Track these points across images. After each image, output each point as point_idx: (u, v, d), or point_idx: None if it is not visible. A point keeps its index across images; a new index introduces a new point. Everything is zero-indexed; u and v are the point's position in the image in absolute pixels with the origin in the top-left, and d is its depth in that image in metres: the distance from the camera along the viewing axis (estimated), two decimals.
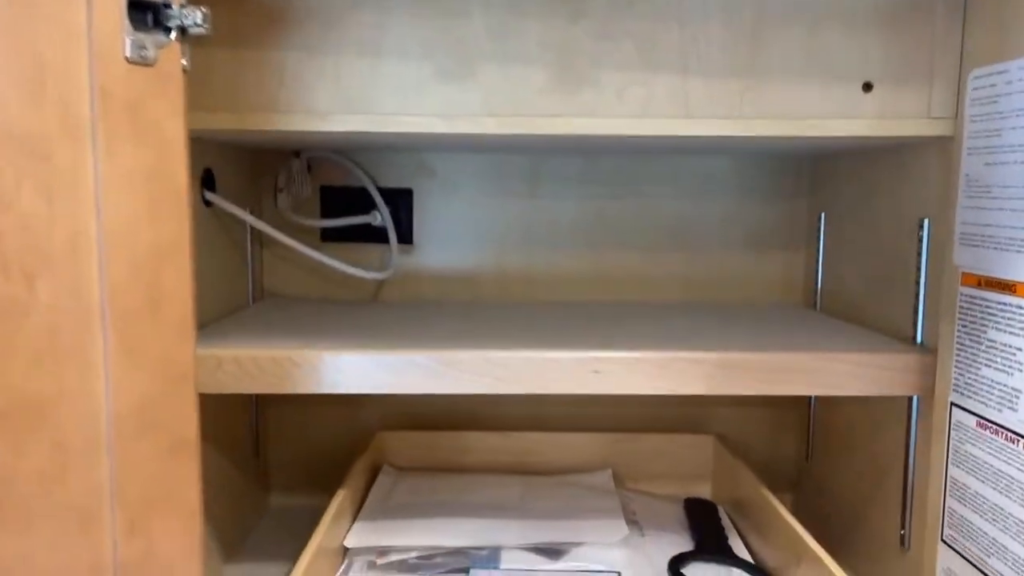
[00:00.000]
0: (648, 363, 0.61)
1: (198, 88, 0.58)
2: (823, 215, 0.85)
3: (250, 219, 0.76)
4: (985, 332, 0.55)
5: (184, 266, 0.44)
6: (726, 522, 0.79)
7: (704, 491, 0.90)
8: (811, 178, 0.89)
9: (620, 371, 0.61)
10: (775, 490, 0.90)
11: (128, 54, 0.41)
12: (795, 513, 0.89)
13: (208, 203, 0.72)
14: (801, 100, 0.59)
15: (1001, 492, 0.53)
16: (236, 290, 0.82)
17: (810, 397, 0.89)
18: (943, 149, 0.61)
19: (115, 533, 0.41)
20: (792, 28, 0.59)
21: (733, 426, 0.92)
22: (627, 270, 0.90)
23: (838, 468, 0.81)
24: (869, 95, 0.59)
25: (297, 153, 0.86)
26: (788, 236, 0.90)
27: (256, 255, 0.87)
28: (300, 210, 0.88)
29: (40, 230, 0.37)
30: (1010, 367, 0.52)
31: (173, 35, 0.43)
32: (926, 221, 0.64)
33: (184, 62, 0.44)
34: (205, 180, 0.72)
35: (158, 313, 0.43)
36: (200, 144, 0.70)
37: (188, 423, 0.45)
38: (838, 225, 0.82)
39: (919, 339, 0.65)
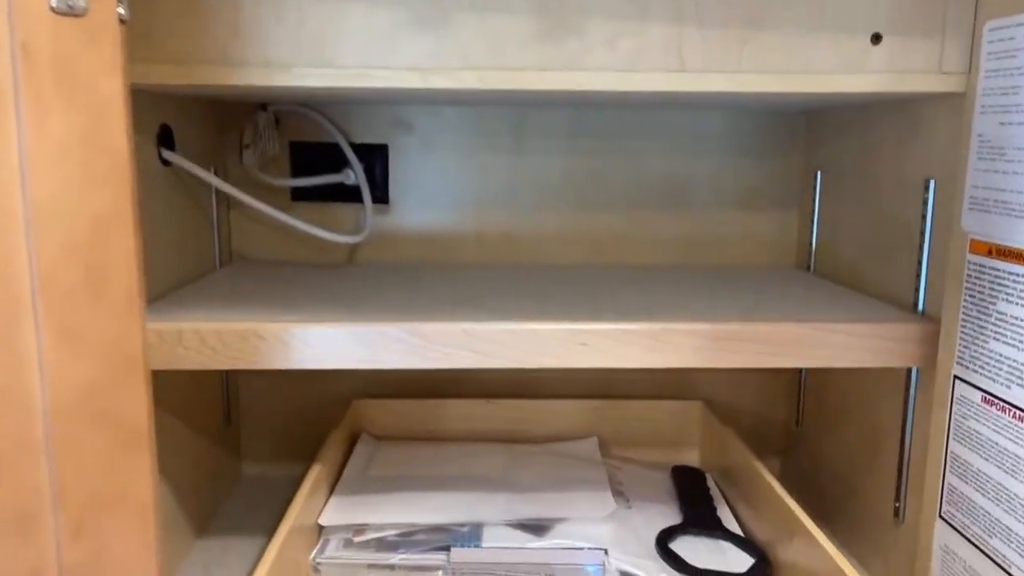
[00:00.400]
0: (637, 335, 0.58)
1: (141, 39, 0.53)
2: (819, 174, 0.81)
3: (213, 179, 0.71)
4: (995, 303, 0.52)
5: (127, 240, 0.40)
6: (714, 491, 0.77)
7: (692, 458, 0.88)
8: (807, 134, 0.85)
9: (608, 344, 0.58)
10: (763, 455, 0.88)
11: (54, 3, 0.36)
12: (783, 479, 0.88)
13: (166, 162, 0.67)
14: (805, 53, 0.55)
15: (1007, 472, 0.50)
16: (201, 254, 0.77)
17: None
18: (953, 106, 0.57)
19: (59, 536, 0.38)
20: None
21: (722, 391, 0.90)
22: (615, 231, 0.86)
23: (830, 436, 0.78)
24: (877, 47, 0.55)
25: (264, 106, 0.81)
26: (782, 195, 0.86)
27: (223, 216, 0.82)
28: (268, 168, 0.83)
29: None
30: (1021, 342, 0.49)
31: None
32: (932, 182, 0.61)
33: (121, 10, 0.39)
34: (162, 137, 0.67)
35: (100, 293, 0.39)
36: (155, 99, 0.65)
37: (139, 412, 0.41)
38: (835, 184, 0.78)
39: (921, 307, 0.62)
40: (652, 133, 0.85)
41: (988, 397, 0.52)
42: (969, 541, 0.54)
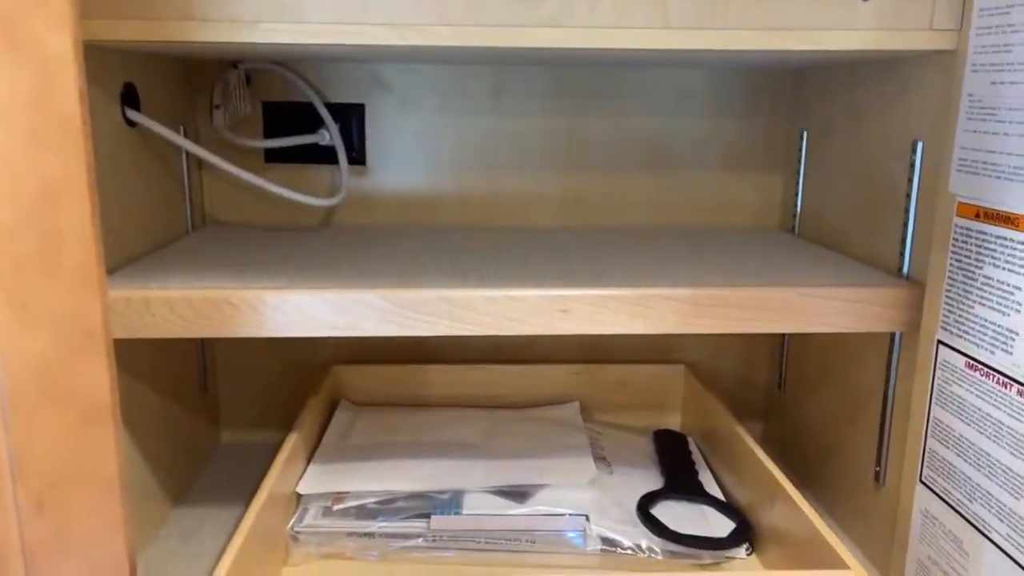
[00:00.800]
0: (619, 301, 0.56)
1: None
2: (805, 134, 0.80)
3: (181, 140, 0.69)
4: (981, 268, 0.51)
5: (83, 207, 0.37)
6: (696, 456, 0.77)
7: (674, 422, 0.87)
8: (794, 94, 0.83)
9: (589, 310, 0.56)
10: (745, 419, 0.88)
11: None
12: (765, 443, 0.88)
13: (132, 123, 0.65)
14: (793, 10, 0.53)
15: (989, 437, 0.50)
16: (172, 218, 0.75)
17: None
18: (943, 65, 0.56)
19: (20, 512, 0.37)
20: None
21: (704, 355, 0.89)
22: (597, 193, 0.85)
23: (812, 400, 0.78)
24: (867, 4, 0.53)
25: (234, 64, 0.78)
26: (767, 156, 0.85)
27: (194, 179, 0.80)
28: (240, 129, 0.81)
29: None
30: (1006, 307, 0.49)
31: None
32: (919, 144, 0.59)
33: None
34: (127, 97, 0.64)
35: (53, 263, 0.37)
36: (118, 57, 0.62)
37: (100, 385, 0.39)
38: (821, 145, 0.77)
39: (906, 271, 0.61)
40: (635, 93, 0.83)
41: (971, 362, 0.52)
42: (949, 506, 0.54)
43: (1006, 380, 0.49)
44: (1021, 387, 0.47)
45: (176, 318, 0.55)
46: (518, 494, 0.66)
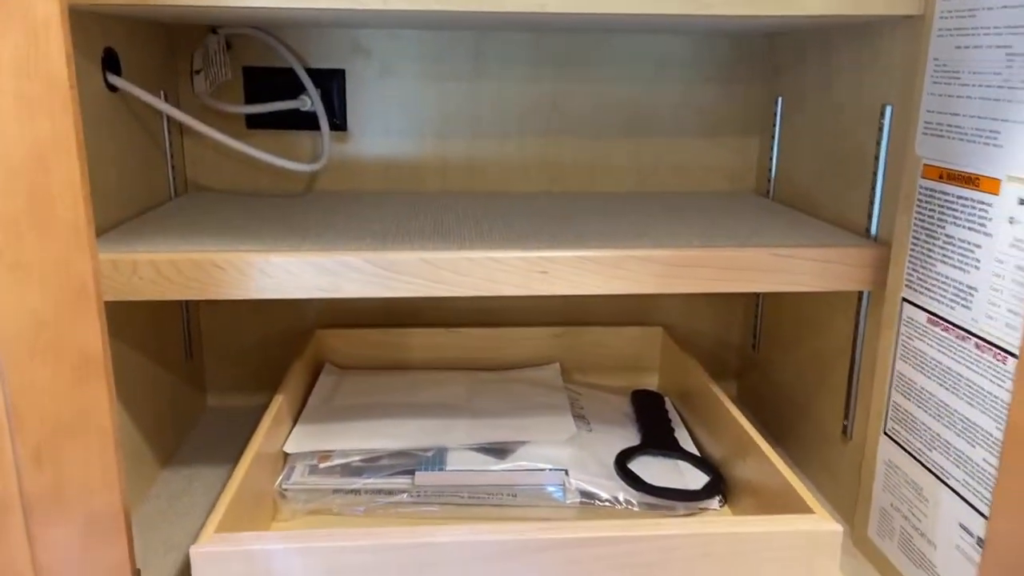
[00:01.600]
0: (597, 262, 0.58)
1: None
2: (780, 100, 0.81)
3: (163, 105, 0.69)
4: (943, 227, 0.53)
5: (71, 167, 0.38)
6: (672, 414, 0.79)
7: (651, 382, 0.90)
8: (770, 61, 0.84)
9: (568, 271, 0.58)
10: (720, 378, 0.90)
11: None
12: (740, 401, 0.91)
13: (113, 88, 0.65)
14: None
15: (948, 389, 0.52)
16: (155, 184, 0.75)
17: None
18: (911, 30, 0.57)
19: (18, 463, 0.38)
20: None
21: (680, 317, 0.91)
22: (577, 158, 0.86)
23: (784, 358, 0.81)
24: None
25: (214, 30, 0.78)
26: (744, 121, 0.86)
27: (175, 145, 0.80)
28: (221, 94, 0.81)
29: None
30: (966, 264, 0.51)
31: None
32: (888, 108, 0.61)
33: None
34: (108, 61, 0.64)
35: (44, 221, 0.38)
36: (98, 20, 0.62)
37: (93, 340, 0.40)
38: (795, 110, 0.78)
39: (874, 232, 0.63)
40: (615, 59, 0.84)
41: (933, 318, 0.54)
42: (911, 455, 0.57)
43: (964, 334, 0.51)
44: (979, 340, 0.50)
45: (163, 280, 0.56)
46: (500, 451, 0.68)
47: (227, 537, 0.48)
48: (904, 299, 0.58)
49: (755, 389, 0.88)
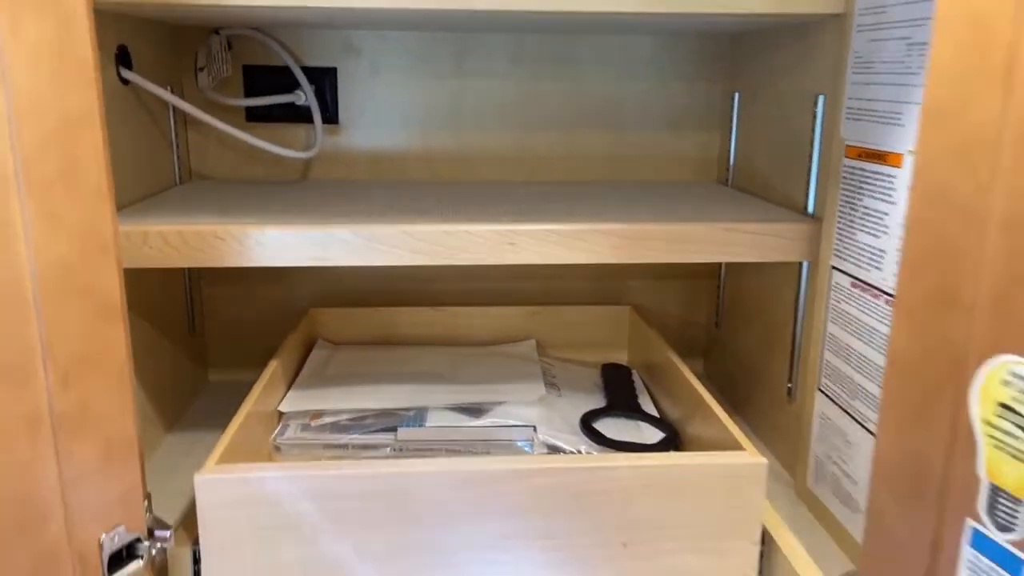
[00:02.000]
0: (560, 235, 0.65)
1: None
2: (736, 95, 0.88)
3: (170, 97, 0.76)
4: (861, 200, 0.60)
5: (96, 137, 0.45)
6: (638, 384, 0.86)
7: (620, 358, 0.96)
8: (730, 60, 0.91)
9: (533, 243, 0.65)
10: (688, 356, 0.97)
11: None
12: (706, 377, 0.97)
13: (125, 81, 0.72)
14: None
15: (865, 342, 0.59)
16: (161, 171, 0.82)
17: (719, 269, 0.95)
18: (837, 27, 0.64)
19: (49, 386, 0.45)
20: None
21: (648, 297, 0.98)
22: (552, 149, 0.93)
23: (742, 333, 0.87)
24: None
25: (216, 30, 0.85)
26: (706, 115, 0.93)
27: (180, 136, 0.87)
28: (223, 90, 0.88)
29: None
30: (879, 231, 0.57)
31: None
32: (821, 97, 0.68)
33: None
34: (120, 57, 0.71)
35: (74, 182, 0.44)
36: (113, 20, 0.69)
37: (113, 289, 0.47)
38: (750, 104, 0.85)
39: (811, 209, 0.70)
40: (588, 58, 0.91)
41: (855, 281, 0.61)
42: (839, 406, 0.63)
43: (877, 292, 0.58)
44: (888, 296, 0.56)
45: (170, 249, 0.62)
46: (475, 410, 0.75)
47: (226, 467, 0.54)
48: (833, 267, 0.65)
49: (719, 364, 0.95)
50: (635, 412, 0.78)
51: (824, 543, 0.64)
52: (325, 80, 0.89)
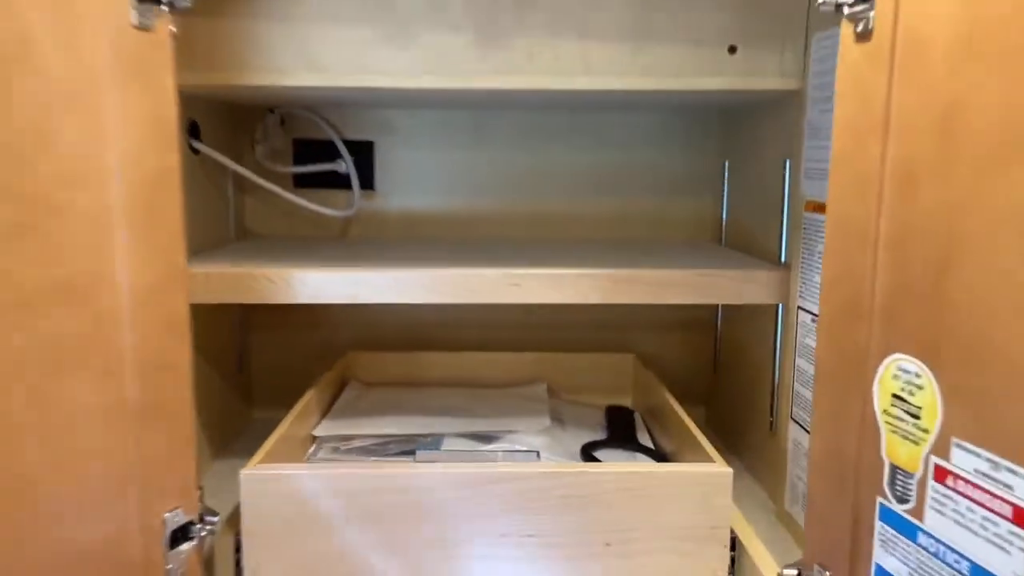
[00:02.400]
0: (558, 278, 0.75)
1: (183, 51, 0.71)
2: (726, 163, 0.99)
3: (232, 165, 0.89)
4: (817, 246, 0.69)
5: (176, 189, 0.57)
6: (639, 423, 0.94)
7: (625, 402, 1.05)
8: (720, 132, 1.02)
9: (535, 284, 0.75)
10: (691, 404, 1.05)
11: (134, 22, 0.53)
12: (707, 424, 1.05)
13: (195, 151, 0.85)
14: (679, 61, 0.73)
15: None
16: (220, 229, 0.95)
17: (716, 320, 1.03)
18: (797, 100, 0.75)
19: (132, 382, 0.55)
20: (671, 1, 0.72)
21: (651, 347, 1.07)
22: (560, 212, 1.04)
23: (735, 377, 0.95)
24: (733, 57, 0.73)
25: (272, 109, 0.99)
26: (699, 182, 1.04)
27: (237, 198, 1.00)
28: (275, 159, 1.01)
29: (77, 157, 0.50)
30: None
31: (165, 7, 0.55)
32: (787, 161, 0.78)
33: (173, 28, 0.57)
34: (191, 130, 0.85)
35: (159, 223, 0.56)
36: (186, 100, 0.83)
37: (183, 311, 0.58)
38: (737, 171, 0.96)
39: (783, 259, 0.79)
40: (590, 132, 1.03)
41: (814, 317, 0.69)
42: (806, 430, 0.71)
43: None
44: None
45: (227, 288, 0.74)
46: (486, 438, 0.83)
47: (268, 465, 0.64)
48: (799, 307, 0.73)
49: (718, 410, 1.03)
50: (632, 444, 0.86)
51: (795, 553, 0.71)
52: (363, 152, 1.02)
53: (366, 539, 0.64)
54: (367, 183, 1.03)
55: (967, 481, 0.41)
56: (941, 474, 0.43)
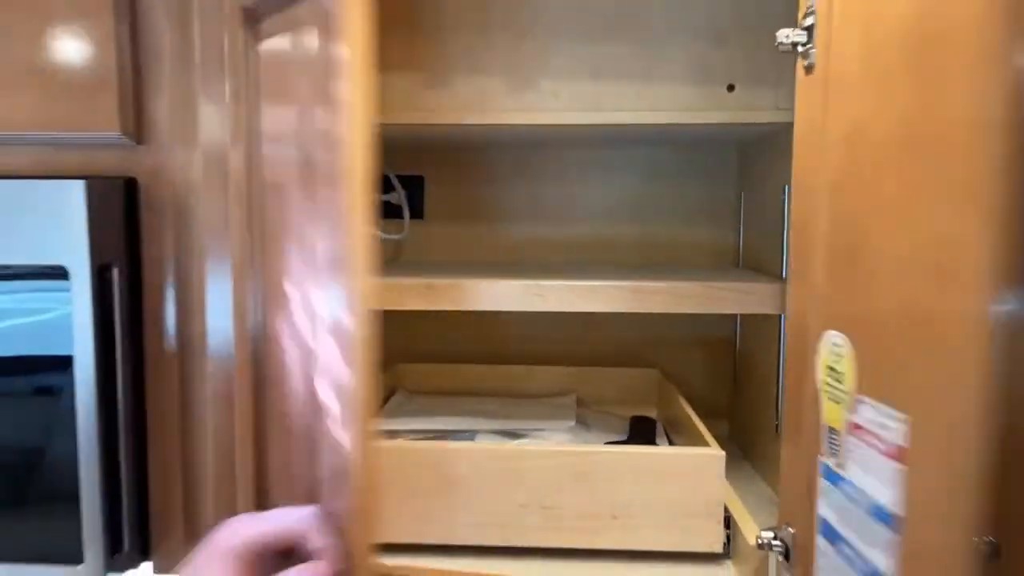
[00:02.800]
0: (580, 289, 0.84)
1: None
2: (743, 193, 1.08)
3: None
4: None
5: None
6: (659, 430, 1.02)
7: (649, 413, 1.12)
8: (737, 167, 1.12)
9: (558, 295, 0.84)
10: (713, 418, 1.12)
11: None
12: (729, 438, 1.12)
13: None
14: (683, 97, 0.83)
15: None
16: None
17: (735, 338, 1.11)
18: (792, 132, 0.84)
19: (347, 440, 0.67)
20: (675, 44, 0.83)
21: (675, 364, 1.15)
22: (592, 237, 1.14)
23: (751, 389, 1.03)
24: (732, 93, 0.83)
25: None
26: (720, 212, 1.13)
27: None
28: None
29: None
30: None
31: None
32: (786, 187, 0.87)
33: None
34: None
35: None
36: None
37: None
38: (751, 201, 1.05)
39: (784, 275, 0.88)
40: (622, 166, 1.13)
41: None
42: None
43: None
44: None
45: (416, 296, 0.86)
46: (515, 434, 0.93)
47: None
48: None
49: (737, 423, 1.10)
50: (649, 443, 0.94)
51: None
52: (414, 184, 1.15)
53: (403, 506, 0.73)
54: (417, 212, 1.15)
55: (867, 431, 0.49)
56: (853, 428, 0.51)
